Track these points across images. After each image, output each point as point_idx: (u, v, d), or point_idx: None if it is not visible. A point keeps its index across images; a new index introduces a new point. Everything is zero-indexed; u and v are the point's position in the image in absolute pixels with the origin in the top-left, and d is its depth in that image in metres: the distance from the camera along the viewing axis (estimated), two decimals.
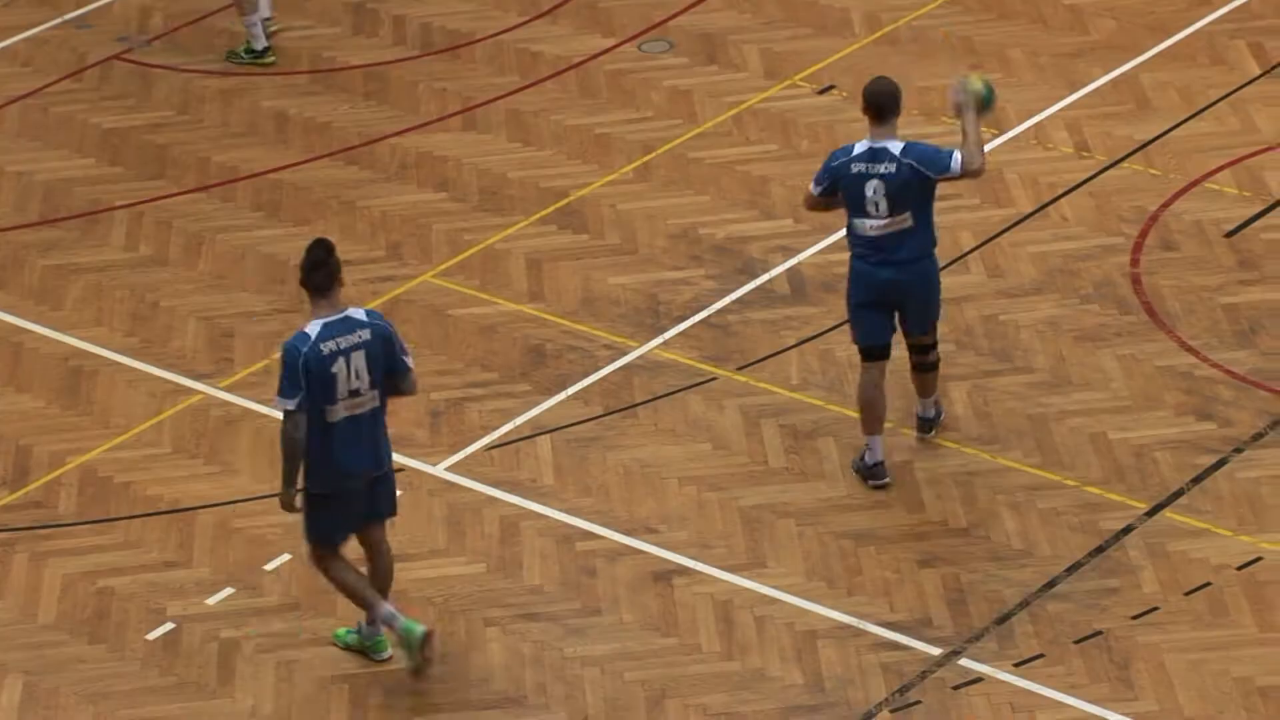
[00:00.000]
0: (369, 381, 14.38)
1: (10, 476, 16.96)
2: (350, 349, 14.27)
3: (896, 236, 15.88)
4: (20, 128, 20.78)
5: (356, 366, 14.33)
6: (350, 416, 14.48)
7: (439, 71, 21.21)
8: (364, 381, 14.37)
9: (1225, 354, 17.14)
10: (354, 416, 14.50)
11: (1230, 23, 20.84)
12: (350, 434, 14.57)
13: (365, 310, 14.67)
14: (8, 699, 14.98)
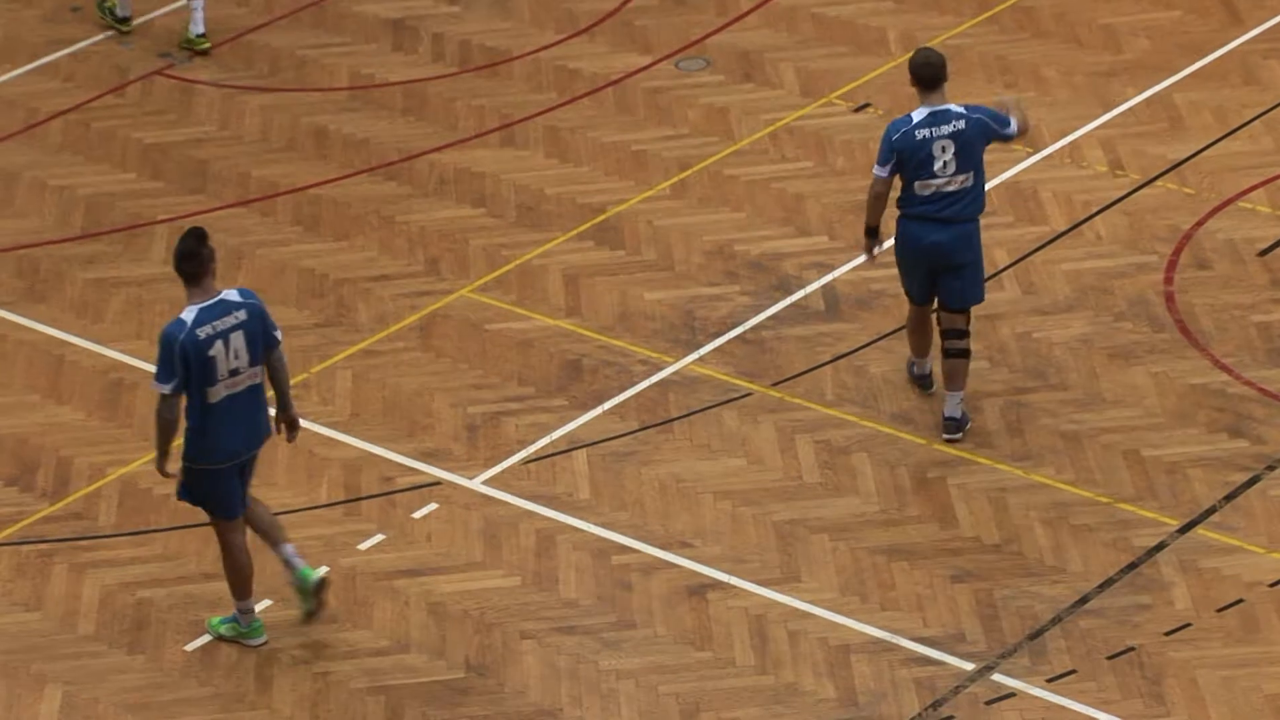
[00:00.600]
0: (249, 359, 14.79)
1: (50, 488, 17.04)
2: (228, 330, 14.66)
3: (954, 196, 16.50)
4: (63, 142, 20.85)
5: (236, 347, 14.72)
6: (230, 395, 14.87)
7: (477, 88, 21.25)
8: (243, 360, 14.77)
9: (1258, 372, 17.21)
10: (234, 395, 14.89)
11: (1264, 43, 20.87)
12: (230, 413, 14.95)
13: (239, 290, 15.07)
14: (48, 708, 15.09)
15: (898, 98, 20.34)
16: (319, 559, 16.13)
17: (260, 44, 22.07)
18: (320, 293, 18.90)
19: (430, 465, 17.04)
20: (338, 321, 18.60)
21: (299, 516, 16.62)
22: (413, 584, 15.93)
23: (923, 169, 16.51)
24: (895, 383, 17.39)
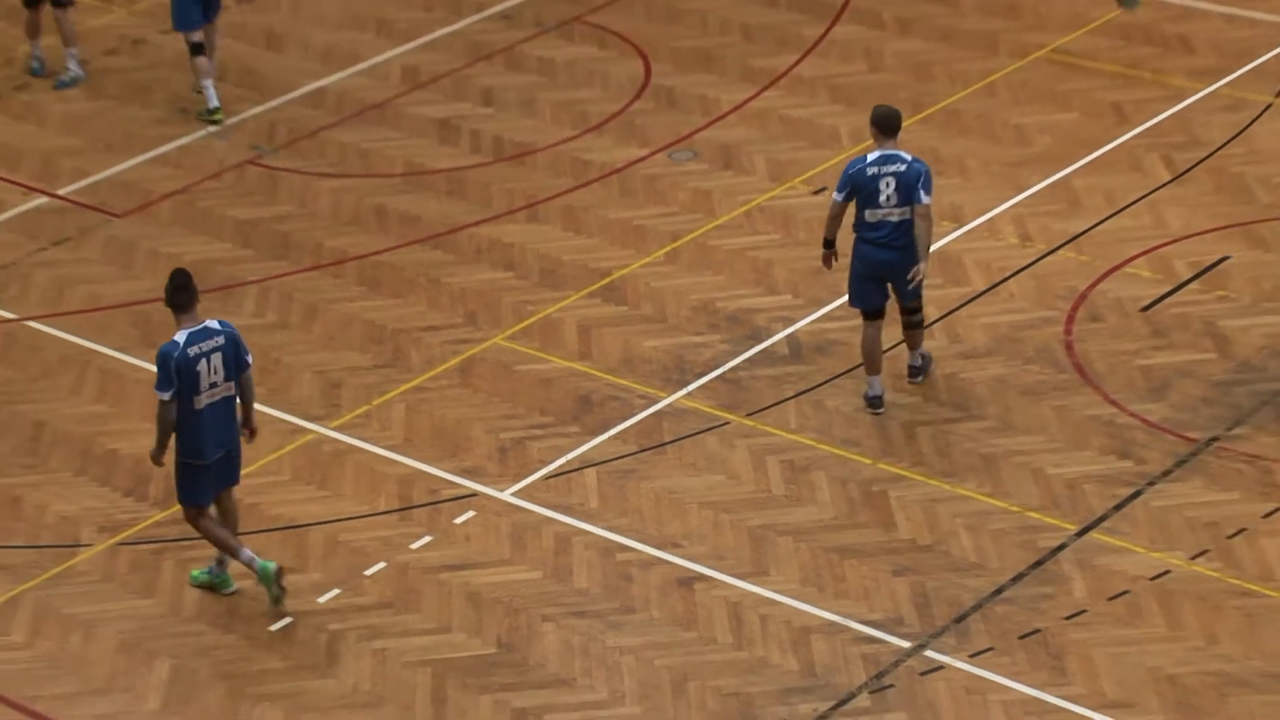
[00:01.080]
0: (224, 376, 15.28)
1: (160, 498, 16.97)
2: (210, 351, 15.17)
3: (896, 225, 16.82)
4: (172, 217, 20.89)
5: (215, 365, 15.21)
6: (210, 404, 15.27)
7: (507, 174, 21.26)
8: (220, 376, 15.26)
9: (1140, 405, 17.19)
10: (213, 404, 15.30)
11: (1146, 139, 20.89)
12: (209, 419, 15.32)
13: (219, 320, 15.57)
14: (157, 677, 15.08)
15: None
16: (379, 556, 16.19)
17: (332, 139, 22.10)
18: (380, 340, 18.88)
19: (468, 480, 17.00)
20: (394, 364, 18.58)
21: (363, 521, 16.62)
22: (454, 576, 15.90)
23: (871, 200, 16.94)
24: (846, 414, 17.36)
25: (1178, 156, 20.49)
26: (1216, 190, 19.99)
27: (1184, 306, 18.43)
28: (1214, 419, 17.02)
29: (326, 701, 14.76)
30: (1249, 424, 16.92)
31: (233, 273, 19.97)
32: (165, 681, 15.07)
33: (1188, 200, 19.90)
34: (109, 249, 20.53)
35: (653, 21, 23.93)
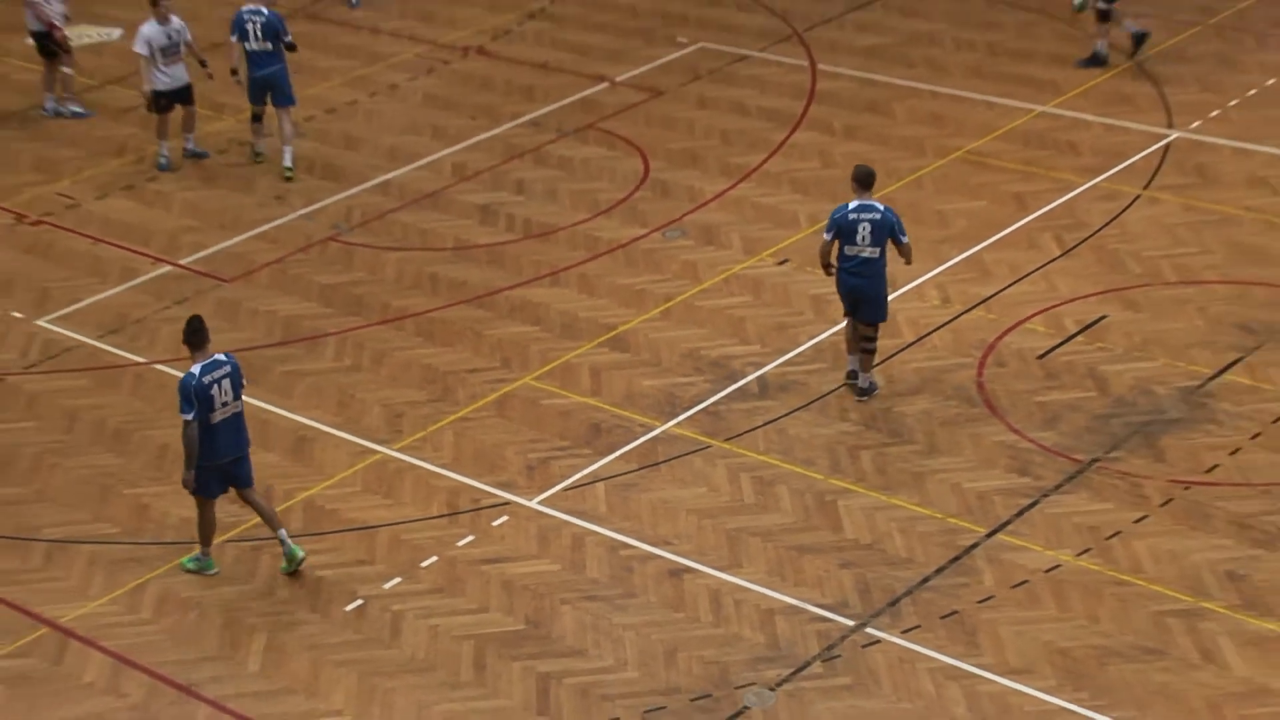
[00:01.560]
0: (232, 396, 15.66)
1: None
2: (220, 378, 15.55)
3: (866, 260, 17.46)
4: (269, 282, 20.89)
5: (224, 388, 15.58)
6: (223, 419, 15.58)
7: (535, 249, 21.27)
8: (229, 397, 15.64)
9: (1036, 433, 17.21)
10: (225, 419, 15.60)
11: (1041, 222, 20.88)
12: (222, 431, 15.64)
13: (225, 354, 15.90)
14: (255, 647, 15.16)
15: (808, 256, 20.35)
16: (431, 551, 16.24)
17: (396, 220, 22.12)
18: (433, 380, 18.90)
19: (504, 491, 17.03)
20: (444, 399, 18.59)
21: (419, 524, 16.64)
22: (491, 568, 15.95)
23: (850, 239, 17.45)
24: (804, 439, 17.37)
25: (1066, 236, 20.57)
26: (1097, 263, 20.04)
27: (1071, 355, 18.46)
28: (1095, 444, 17.08)
29: (390, 668, 14.83)
30: (1123, 448, 16.99)
31: (317, 326, 20.00)
32: (261, 650, 15.16)
33: (1074, 271, 19.95)
34: (219, 307, 20.54)
35: (651, 127, 24.02)
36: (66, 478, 17.75)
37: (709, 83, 25.11)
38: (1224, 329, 18.70)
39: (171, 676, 14.98)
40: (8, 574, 16.46)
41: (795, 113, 24.04)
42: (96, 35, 28.52)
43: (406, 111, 25.18)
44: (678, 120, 24.12)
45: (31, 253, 22.16)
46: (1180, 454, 16.87)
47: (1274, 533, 15.74)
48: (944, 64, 25.07)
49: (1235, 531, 15.80)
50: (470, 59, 26.60)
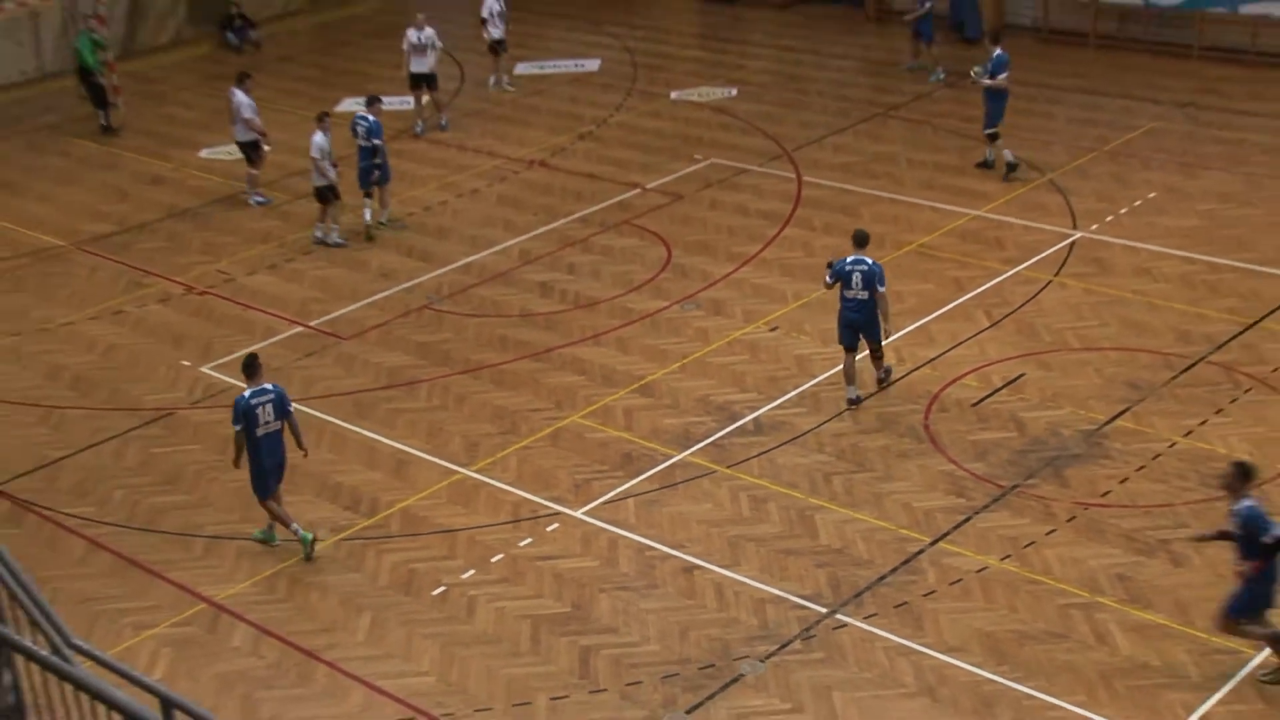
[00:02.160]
0: (274, 417, 16.06)
1: (366, 511, 17.11)
2: (265, 402, 16.01)
3: (860, 301, 18.16)
4: (377, 340, 21.03)
5: (268, 410, 16.03)
6: (265, 434, 16.03)
7: (582, 317, 21.34)
8: (271, 417, 16.05)
9: (970, 464, 17.21)
10: (267, 434, 16.05)
11: (974, 301, 20.85)
12: (265, 444, 16.10)
13: (272, 385, 16.33)
14: (362, 623, 15.22)
15: (797, 324, 20.46)
16: (499, 550, 16.35)
17: (475, 293, 22.20)
18: (502, 417, 18.96)
19: (555, 504, 17.07)
20: (510, 432, 18.65)
21: (490, 528, 16.71)
22: (545, 564, 16.01)
23: (847, 284, 18.15)
24: (789, 467, 17.38)
25: (994, 311, 20.58)
26: (1017, 333, 20.03)
27: (997, 404, 18.43)
28: (1015, 473, 17.06)
29: (466, 639, 14.89)
30: (1037, 477, 16.98)
31: (414, 375, 20.06)
32: (368, 624, 15.25)
33: (999, 339, 19.94)
34: (338, 359, 20.65)
35: (673, 224, 24.11)
36: (221, 489, 17.83)
37: (718, 190, 25.19)
38: (1115, 385, 18.67)
39: (298, 643, 15.08)
40: (175, 562, 16.58)
41: (785, 213, 24.13)
42: (227, 153, 28.68)
43: (484, 209, 25.30)
44: (693, 218, 24.19)
45: (197, 316, 22.29)
46: (1081, 482, 16.83)
47: (1154, 544, 15.71)
48: (900, 178, 25.13)
49: (1123, 543, 15.78)
50: (534, 170, 26.74)
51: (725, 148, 27.09)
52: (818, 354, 19.73)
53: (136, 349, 21.27)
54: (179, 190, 27.14)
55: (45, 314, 22.56)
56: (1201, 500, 16.32)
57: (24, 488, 18.07)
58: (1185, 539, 15.41)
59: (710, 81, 30.76)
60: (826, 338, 20.05)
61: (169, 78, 33.52)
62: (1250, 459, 14.58)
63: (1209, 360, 19.05)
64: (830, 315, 20.02)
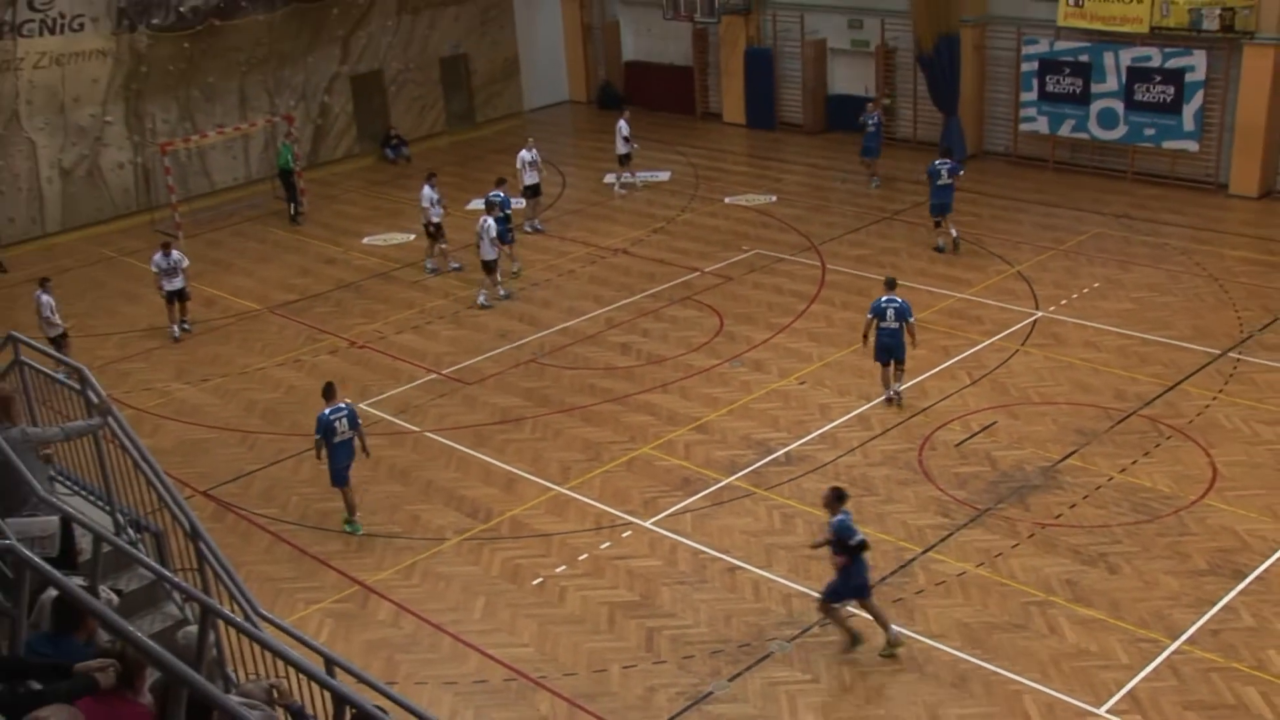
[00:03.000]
0: (347, 427, 16.57)
1: (481, 518, 17.19)
2: (340, 416, 16.55)
3: (893, 330, 18.93)
4: (494, 387, 21.12)
5: (343, 423, 16.56)
6: (341, 441, 16.61)
7: (653, 371, 21.35)
8: (345, 428, 16.58)
9: (953, 492, 17.11)
10: (343, 441, 16.63)
11: (959, 364, 20.75)
12: (341, 448, 16.62)
13: (345, 402, 16.82)
14: (478, 605, 15.28)
15: (819, 378, 20.40)
16: (585, 550, 16.43)
17: (570, 350, 22.21)
18: (589, 448, 19.03)
19: (629, 515, 17.12)
20: (596, 459, 18.70)
21: (578, 534, 16.75)
22: (620, 563, 16.05)
23: (882, 317, 18.97)
24: (813, 491, 17.27)
25: (974, 373, 20.46)
26: (991, 389, 19.92)
27: (975, 445, 18.33)
28: (988, 499, 16.96)
29: (558, 620, 14.96)
30: (1005, 503, 16.87)
31: (521, 413, 20.16)
32: (482, 606, 15.34)
33: (978, 393, 19.81)
34: (463, 400, 20.80)
35: (724, 300, 24.11)
36: (373, 496, 18.00)
37: (760, 274, 25.22)
38: (1067, 432, 18.52)
39: (429, 618, 15.20)
40: (337, 553, 16.75)
41: (811, 293, 24.09)
42: (399, 238, 29.03)
43: (579, 286, 25.42)
44: (740, 296, 24.22)
45: (357, 365, 22.52)
46: (1040, 507, 16.71)
47: (1095, 556, 15.58)
48: (902, 267, 25.03)
49: (1071, 555, 15.65)
50: (618, 256, 26.89)
51: (766, 241, 27.15)
52: (836, 403, 19.69)
53: (311, 389, 21.47)
54: (346, 268, 27.51)
55: (245, 361, 22.92)
56: (1132, 523, 16.17)
57: (226, 493, 18.35)
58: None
59: (755, 190, 30.86)
60: (844, 390, 20.06)
61: (341, 182, 34.01)
62: (844, 487, 14.64)
63: (1140, 414, 18.89)
64: (845, 374, 20.06)
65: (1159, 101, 28.65)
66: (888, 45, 33.46)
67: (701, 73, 38.09)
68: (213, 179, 33.34)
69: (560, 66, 40.63)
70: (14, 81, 29.81)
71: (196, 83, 32.62)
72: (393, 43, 36.35)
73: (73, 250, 29.87)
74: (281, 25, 33.78)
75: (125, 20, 31.14)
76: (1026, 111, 30.92)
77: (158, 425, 20.57)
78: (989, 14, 31.29)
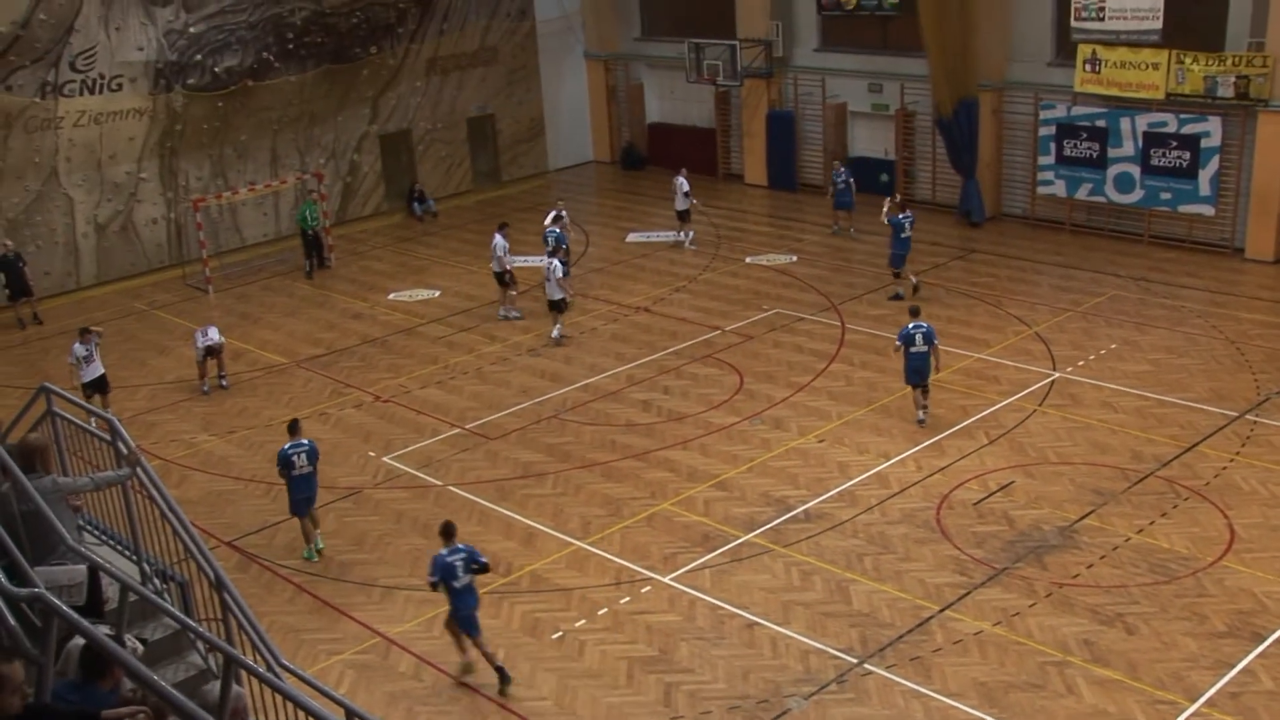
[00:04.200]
0: (306, 463, 17.09)
1: (502, 571, 17.12)
2: (300, 451, 17.11)
3: (922, 354, 20.12)
4: (516, 440, 21.05)
5: (302, 458, 17.08)
6: (300, 475, 17.11)
7: (673, 428, 21.37)
8: (304, 463, 17.10)
9: (971, 550, 17.03)
10: (301, 475, 17.12)
11: (977, 423, 20.75)
12: (299, 481, 17.22)
13: (307, 440, 17.24)
14: (498, 659, 15.02)
15: (837, 436, 20.36)
16: (604, 604, 16.27)
17: (592, 407, 22.24)
18: (608, 504, 19.02)
19: (649, 571, 17.06)
20: (616, 514, 18.70)
21: (597, 588, 16.67)
22: (639, 617, 16.00)
23: (910, 343, 20.15)
24: (830, 548, 17.28)
25: (992, 432, 20.42)
26: (1010, 449, 19.88)
27: (993, 504, 18.27)
28: (1006, 558, 16.86)
29: (577, 673, 14.90)
30: (1022, 561, 16.77)
31: (543, 468, 20.19)
32: (502, 659, 15.18)
33: (996, 453, 19.77)
34: (485, 455, 20.84)
35: (745, 358, 24.15)
36: (395, 550, 18.01)
37: (781, 333, 25.27)
38: (1084, 492, 18.45)
39: (449, 671, 15.10)
40: (359, 604, 16.72)
41: (831, 352, 24.11)
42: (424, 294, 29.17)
43: (601, 344, 25.50)
44: (761, 354, 24.26)
45: (382, 418, 22.61)
46: (1057, 566, 16.61)
47: (1112, 616, 15.46)
48: None
49: (1088, 614, 15.53)
50: (640, 314, 26.99)
51: (787, 301, 27.23)
52: (855, 461, 19.67)
53: (336, 441, 21.61)
54: (372, 323, 27.67)
55: (272, 413, 23.01)
56: (1150, 583, 16.05)
57: (250, 543, 18.38)
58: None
59: (776, 250, 31.00)
60: (862, 448, 20.02)
61: (368, 239, 34.29)
62: (453, 521, 14.92)
63: (1157, 475, 18.80)
64: (864, 433, 20.07)
65: (1175, 166, 28.75)
66: (907, 109, 33.71)
67: (724, 134, 38.40)
68: (243, 234, 33.72)
69: (585, 128, 41.02)
70: (54, 139, 30.29)
71: (229, 141, 33.06)
72: (421, 103, 36.80)
73: (105, 303, 30.17)
74: (313, 86, 34.25)
75: (162, 80, 31.68)
76: (1044, 175, 31.06)
77: (184, 476, 20.66)
78: (1007, 79, 31.52)
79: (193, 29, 31.83)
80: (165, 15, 31.38)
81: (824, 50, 35.35)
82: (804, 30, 35.53)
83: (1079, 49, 29.64)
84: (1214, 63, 27.56)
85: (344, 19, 34.43)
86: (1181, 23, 28.26)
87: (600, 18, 39.94)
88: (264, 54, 33.06)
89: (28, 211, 30.25)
